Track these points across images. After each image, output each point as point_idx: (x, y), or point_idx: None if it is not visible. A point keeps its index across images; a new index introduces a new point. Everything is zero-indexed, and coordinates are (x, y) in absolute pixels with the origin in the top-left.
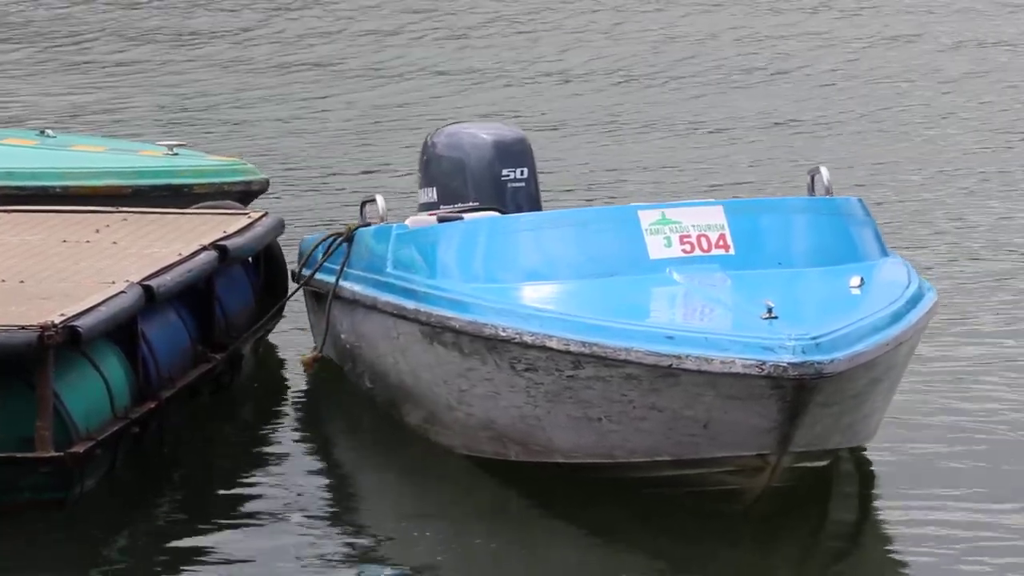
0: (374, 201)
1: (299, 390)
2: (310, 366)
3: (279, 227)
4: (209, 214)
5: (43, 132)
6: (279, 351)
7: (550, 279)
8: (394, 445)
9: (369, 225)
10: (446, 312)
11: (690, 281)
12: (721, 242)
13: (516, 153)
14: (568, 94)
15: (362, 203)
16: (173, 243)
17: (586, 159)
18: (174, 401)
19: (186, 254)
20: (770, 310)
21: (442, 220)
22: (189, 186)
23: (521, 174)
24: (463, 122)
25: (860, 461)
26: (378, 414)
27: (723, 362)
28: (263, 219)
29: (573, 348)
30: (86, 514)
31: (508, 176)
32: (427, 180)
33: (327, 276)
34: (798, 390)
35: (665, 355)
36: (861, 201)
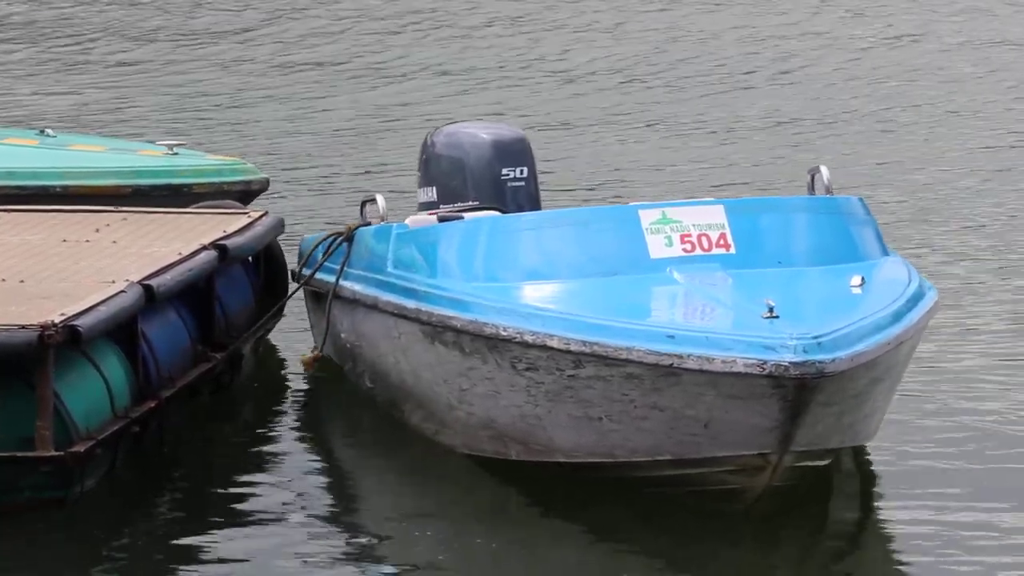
0: (374, 201)
1: (299, 390)
2: (310, 366)
3: (279, 226)
4: (209, 213)
5: (43, 132)
6: (279, 351)
7: (551, 278)
8: (394, 445)
9: (369, 225)
10: (447, 311)
11: (691, 280)
12: (722, 241)
13: (516, 152)
14: (569, 94)
15: (362, 203)
16: (173, 242)
17: (587, 158)
18: (174, 401)
19: (186, 253)
20: (771, 309)
21: (443, 219)
22: (189, 186)
23: (521, 173)
24: (463, 121)
25: (861, 460)
26: (378, 414)
27: (724, 361)
28: (263, 218)
29: (574, 347)
30: (86, 514)
31: (508, 175)
32: (426, 179)
33: (327, 276)
34: (799, 389)
35: (666, 354)
36: (862, 200)
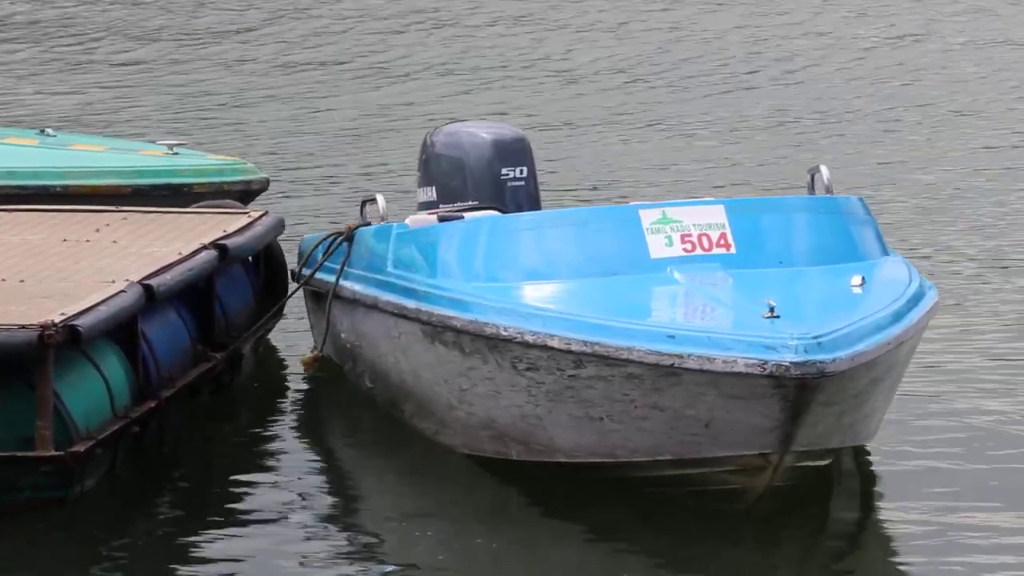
0: (374, 200)
1: (299, 390)
2: (310, 366)
3: (279, 226)
4: (209, 213)
5: (43, 131)
6: (279, 351)
7: (551, 278)
8: (394, 445)
9: (369, 224)
10: (447, 311)
11: (691, 280)
12: (722, 241)
13: (515, 152)
14: (572, 94)
15: (362, 202)
16: (173, 242)
17: (588, 158)
18: (174, 400)
19: (186, 253)
20: (772, 309)
21: (443, 219)
22: (189, 185)
23: (520, 173)
24: (463, 121)
25: (861, 460)
26: (378, 414)
27: (725, 361)
28: (263, 218)
29: (575, 347)
30: (86, 514)
31: (507, 175)
32: (426, 179)
33: (327, 275)
34: (800, 389)
35: (667, 354)
36: (862, 200)
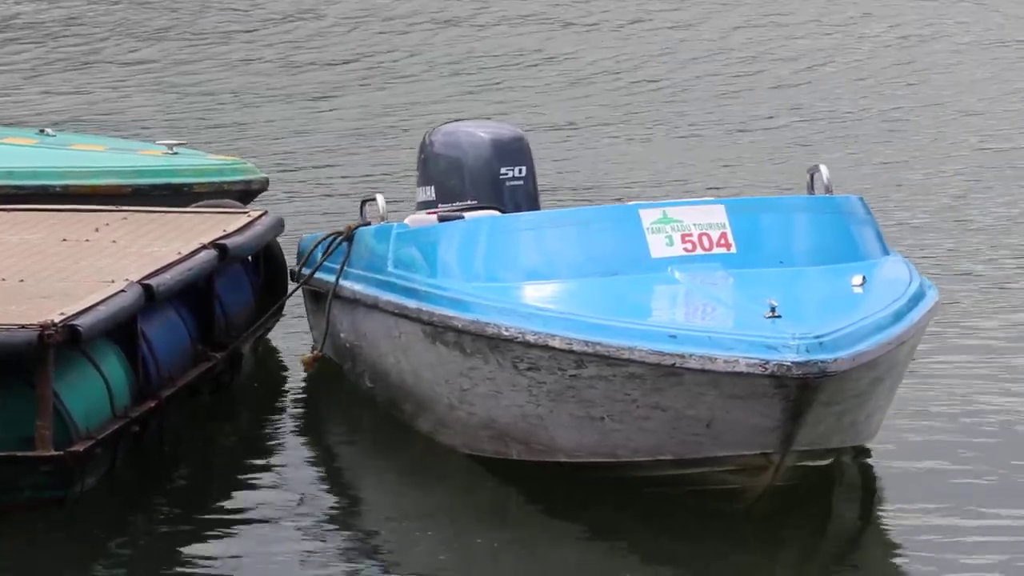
0: (374, 200)
1: (299, 390)
2: (310, 365)
3: (279, 226)
4: (209, 213)
5: (43, 131)
6: (279, 351)
7: (552, 278)
8: (394, 445)
9: (369, 224)
10: (448, 311)
11: (692, 280)
12: (723, 241)
13: (514, 151)
14: (574, 94)
15: (362, 202)
16: (173, 242)
17: (591, 158)
18: (174, 400)
19: (186, 253)
20: (773, 309)
21: (443, 219)
22: (189, 185)
23: (519, 172)
24: (461, 120)
25: (862, 460)
26: (378, 414)
27: (726, 361)
28: (263, 218)
29: (576, 347)
30: (86, 514)
31: (506, 175)
32: (425, 179)
33: (327, 275)
34: (801, 389)
35: (668, 354)
36: (862, 199)
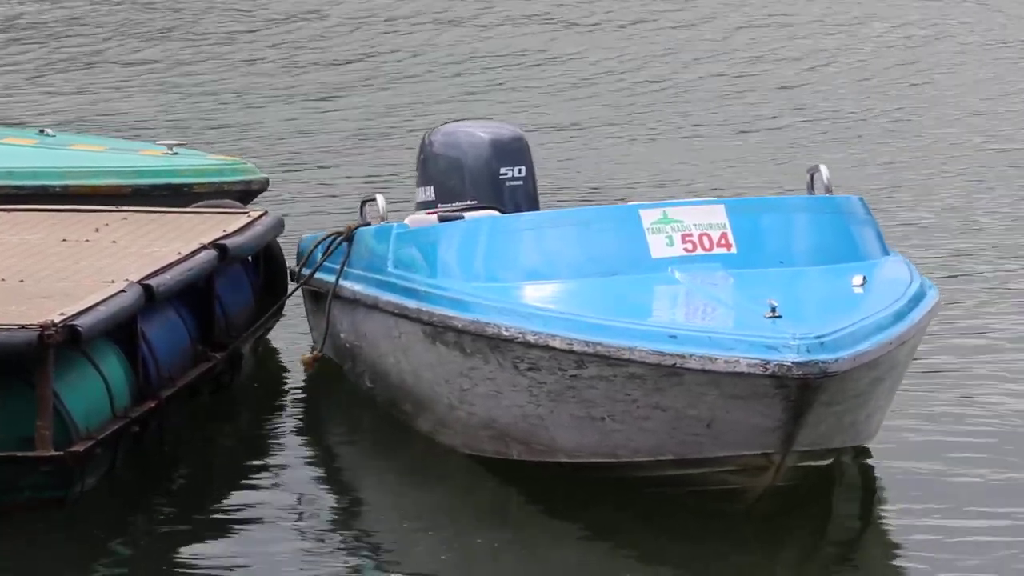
0: (374, 200)
1: (299, 390)
2: (310, 366)
3: (279, 226)
4: (209, 213)
5: (43, 131)
6: (279, 351)
7: (552, 278)
8: (394, 445)
9: (369, 224)
10: (448, 311)
11: (692, 280)
12: (723, 241)
13: (514, 151)
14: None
15: (362, 202)
16: (173, 242)
17: (592, 159)
18: (174, 400)
19: (186, 253)
20: (774, 309)
21: (443, 219)
22: (189, 185)
23: (519, 172)
24: (461, 120)
25: (862, 460)
26: (378, 414)
27: (727, 361)
28: (263, 218)
29: (576, 348)
30: (86, 514)
31: (506, 175)
32: (424, 179)
33: (327, 275)
34: (802, 389)
35: (669, 354)
36: (862, 200)
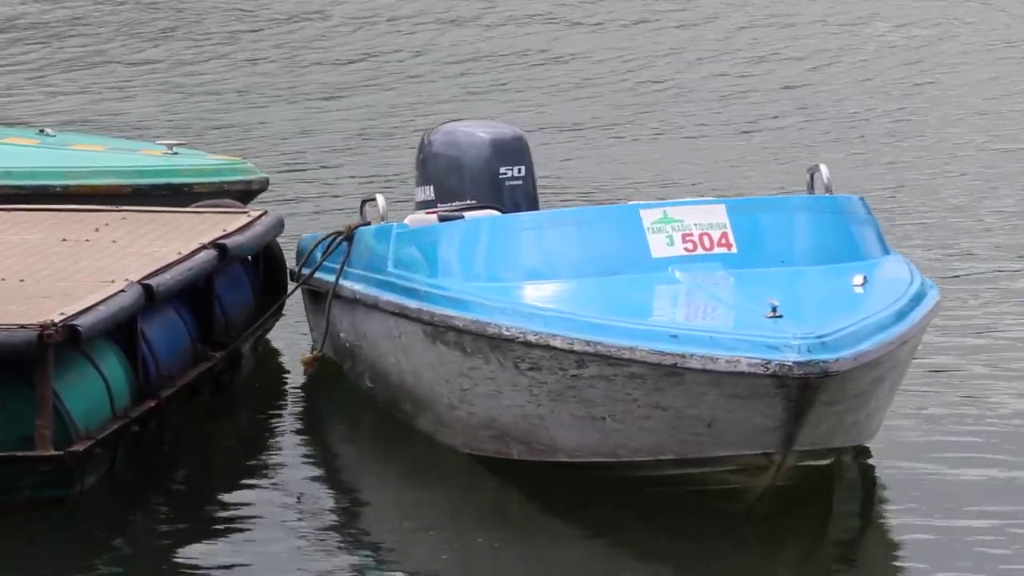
0: (374, 200)
1: (299, 390)
2: (310, 365)
3: (279, 226)
4: (208, 213)
5: (43, 131)
6: (279, 351)
7: (552, 278)
8: (394, 445)
9: (369, 224)
10: (448, 311)
11: (693, 280)
12: (723, 240)
13: (513, 151)
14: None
15: (362, 202)
16: (173, 242)
17: (594, 159)
18: (174, 400)
19: (186, 253)
20: (775, 309)
21: (443, 219)
22: (189, 185)
23: (519, 172)
24: (460, 120)
25: (862, 460)
26: (378, 413)
27: (728, 361)
28: (262, 218)
29: (577, 347)
30: (86, 514)
31: (505, 174)
32: (424, 178)
33: (327, 275)
34: (803, 389)
35: (669, 354)
36: (862, 199)
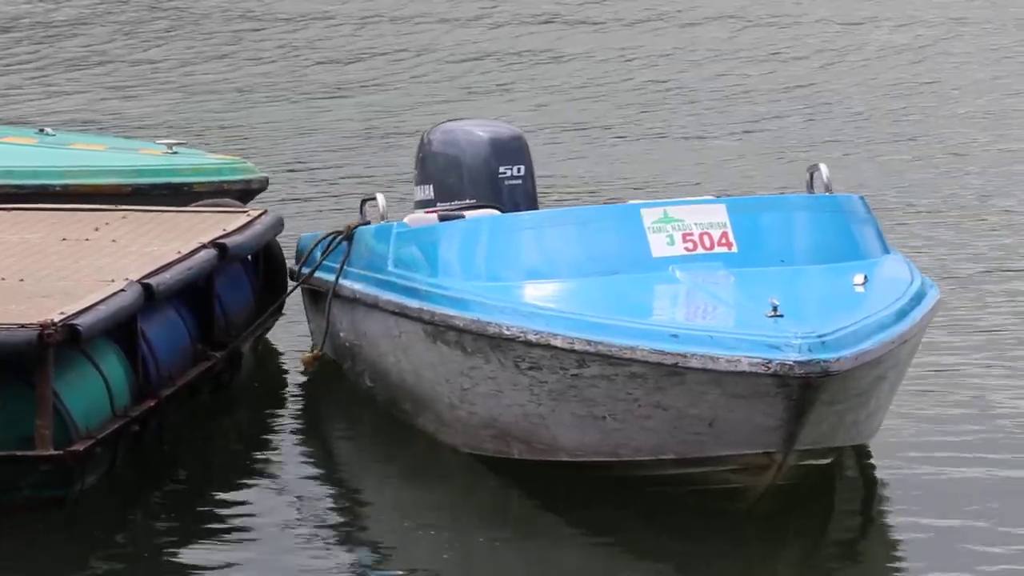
0: (374, 199)
1: (299, 389)
2: (310, 365)
3: (278, 225)
4: (208, 212)
5: (43, 130)
6: (279, 351)
7: (552, 277)
8: (395, 444)
9: (369, 223)
10: (449, 311)
11: (693, 279)
12: (724, 240)
13: (513, 150)
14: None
15: (362, 201)
16: (172, 241)
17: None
18: (174, 399)
19: (185, 252)
20: (775, 308)
21: (443, 218)
22: (189, 184)
23: (518, 171)
24: (460, 119)
25: (862, 460)
26: (378, 413)
27: (729, 360)
28: (262, 217)
29: (578, 347)
30: (86, 514)
31: (505, 174)
32: (423, 177)
33: (326, 274)
34: (804, 388)
35: (670, 353)
36: (862, 198)
